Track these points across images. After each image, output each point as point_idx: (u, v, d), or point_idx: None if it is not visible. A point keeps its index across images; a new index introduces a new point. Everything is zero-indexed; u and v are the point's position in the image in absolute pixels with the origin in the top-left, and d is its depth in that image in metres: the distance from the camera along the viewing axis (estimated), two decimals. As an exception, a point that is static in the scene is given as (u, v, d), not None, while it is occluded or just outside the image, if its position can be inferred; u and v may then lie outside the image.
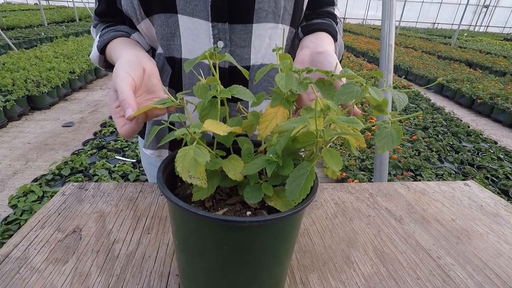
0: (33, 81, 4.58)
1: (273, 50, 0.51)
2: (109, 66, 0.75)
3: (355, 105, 0.50)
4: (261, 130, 0.46)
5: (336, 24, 0.76)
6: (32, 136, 3.70)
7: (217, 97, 0.44)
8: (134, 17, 0.67)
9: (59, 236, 0.62)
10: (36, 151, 3.39)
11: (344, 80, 0.51)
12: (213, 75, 0.46)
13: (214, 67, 0.46)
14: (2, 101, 3.86)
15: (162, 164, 0.44)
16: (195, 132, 0.39)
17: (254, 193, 0.41)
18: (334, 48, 0.70)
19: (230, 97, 0.44)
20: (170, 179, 0.46)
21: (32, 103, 4.39)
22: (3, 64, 5.27)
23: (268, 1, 0.65)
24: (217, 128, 0.39)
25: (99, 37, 0.70)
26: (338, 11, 0.83)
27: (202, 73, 0.63)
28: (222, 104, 0.47)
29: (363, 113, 4.26)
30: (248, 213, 0.43)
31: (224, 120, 0.48)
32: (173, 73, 0.72)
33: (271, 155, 0.38)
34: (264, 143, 0.49)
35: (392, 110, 1.02)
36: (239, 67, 0.49)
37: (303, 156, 0.49)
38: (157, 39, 0.69)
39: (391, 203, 0.83)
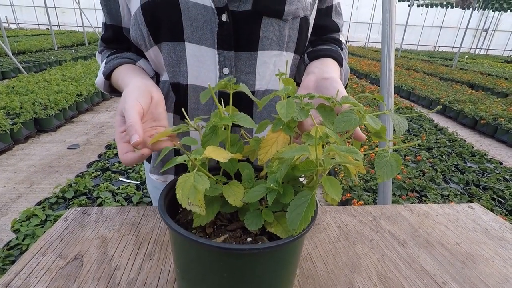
0: (40, 104, 4.68)
1: (276, 75, 0.52)
2: (114, 91, 0.78)
3: (359, 129, 0.50)
4: (261, 155, 0.47)
5: (342, 50, 0.78)
6: (38, 159, 3.74)
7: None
8: (142, 44, 0.69)
9: (61, 264, 0.62)
10: (40, 174, 3.41)
11: (346, 106, 0.52)
12: (222, 101, 0.47)
13: (223, 95, 0.48)
14: (9, 124, 3.94)
15: (164, 190, 0.45)
16: (196, 159, 0.40)
17: (254, 220, 0.41)
18: (339, 74, 0.71)
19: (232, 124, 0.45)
20: (172, 204, 0.47)
21: (39, 125, 4.46)
22: (12, 88, 5.41)
23: (272, 30, 0.67)
24: (217, 155, 0.40)
25: (105, 63, 0.72)
26: (344, 37, 0.85)
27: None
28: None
29: (367, 133, 4.27)
30: (249, 239, 0.43)
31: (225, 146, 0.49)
32: (178, 99, 0.73)
33: (271, 184, 0.39)
34: (266, 168, 0.50)
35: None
36: (252, 97, 0.50)
37: (303, 181, 0.49)
38: (164, 66, 0.71)
39: (395, 226, 0.82)
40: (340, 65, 0.73)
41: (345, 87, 0.84)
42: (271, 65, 0.71)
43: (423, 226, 0.83)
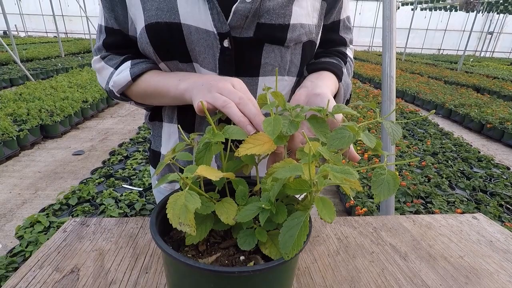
0: (47, 110, 4.73)
1: (263, 89, 0.52)
2: (125, 96, 0.74)
3: (353, 149, 0.49)
4: (241, 150, 0.45)
5: (345, 64, 0.76)
6: (43, 165, 3.77)
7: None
8: (151, 58, 0.70)
9: (57, 277, 0.62)
10: (45, 180, 3.44)
11: (339, 118, 0.51)
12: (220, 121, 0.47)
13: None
14: (16, 130, 3.98)
15: (157, 207, 0.45)
16: (187, 177, 0.39)
17: (247, 239, 0.40)
18: (334, 89, 0.70)
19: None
20: (166, 220, 0.46)
21: (44, 131, 4.51)
22: (20, 95, 5.49)
23: (274, 56, 0.67)
24: (210, 173, 0.40)
25: (132, 65, 0.69)
26: (351, 52, 0.84)
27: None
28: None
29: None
30: (242, 257, 0.42)
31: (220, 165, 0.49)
32: (186, 113, 0.73)
33: (263, 205, 0.38)
34: (259, 182, 0.50)
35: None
36: None
37: (299, 197, 0.48)
38: None
39: (396, 238, 0.81)
40: (339, 78, 0.71)
41: (347, 103, 0.82)
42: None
43: (425, 238, 0.81)
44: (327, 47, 0.80)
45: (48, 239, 2.12)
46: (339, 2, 0.74)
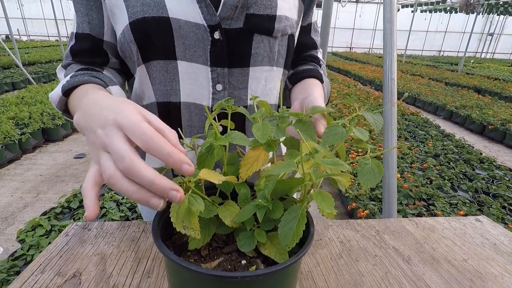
0: (48, 114, 4.75)
1: (250, 99, 0.53)
2: (67, 112, 0.64)
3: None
4: (242, 173, 0.46)
5: (320, 66, 0.82)
6: (44, 168, 3.78)
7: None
8: (130, 62, 0.68)
9: (59, 282, 0.62)
10: (47, 183, 3.44)
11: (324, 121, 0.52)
12: (221, 118, 0.47)
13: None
14: (18, 134, 4.00)
15: (159, 212, 0.44)
16: (190, 181, 0.39)
17: (247, 241, 0.41)
18: (321, 90, 0.74)
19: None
20: (168, 225, 0.46)
21: (46, 135, 4.52)
22: (22, 98, 5.51)
23: (263, 47, 0.69)
24: (212, 177, 0.40)
25: (70, 77, 0.61)
26: (321, 53, 0.89)
27: (199, 115, 0.65)
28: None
29: (371, 141, 4.24)
30: (243, 262, 0.42)
31: (221, 166, 0.49)
32: (170, 118, 0.72)
33: (260, 200, 0.38)
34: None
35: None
36: (248, 116, 0.51)
37: (297, 197, 0.48)
38: (152, 85, 0.68)
39: (399, 241, 0.80)
40: (321, 81, 0.76)
41: (328, 98, 0.87)
42: (263, 80, 0.73)
43: (428, 241, 0.80)
44: (301, 51, 0.85)
45: (49, 242, 2.12)
46: (313, 4, 0.80)
